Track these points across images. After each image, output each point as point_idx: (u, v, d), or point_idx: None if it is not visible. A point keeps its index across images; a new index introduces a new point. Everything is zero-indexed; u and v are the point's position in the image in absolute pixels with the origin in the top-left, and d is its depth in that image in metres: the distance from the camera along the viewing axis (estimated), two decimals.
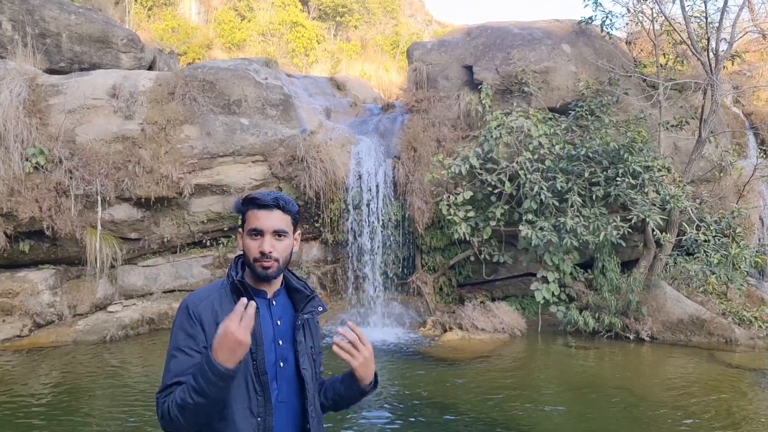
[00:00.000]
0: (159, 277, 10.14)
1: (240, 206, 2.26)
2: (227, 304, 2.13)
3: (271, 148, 10.19)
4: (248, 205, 2.22)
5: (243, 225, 2.24)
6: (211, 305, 2.14)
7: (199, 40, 19.52)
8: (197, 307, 2.12)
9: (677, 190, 9.41)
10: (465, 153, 10.05)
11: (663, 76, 10.88)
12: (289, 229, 2.23)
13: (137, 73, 10.50)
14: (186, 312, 2.13)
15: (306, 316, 2.30)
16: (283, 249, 2.21)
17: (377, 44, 22.58)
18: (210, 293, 2.20)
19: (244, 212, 2.23)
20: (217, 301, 2.15)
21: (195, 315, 2.11)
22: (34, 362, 8.02)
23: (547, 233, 9.34)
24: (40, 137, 9.13)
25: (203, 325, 2.10)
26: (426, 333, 9.84)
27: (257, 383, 2.11)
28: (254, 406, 2.10)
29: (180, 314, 2.15)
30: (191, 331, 2.09)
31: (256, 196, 2.21)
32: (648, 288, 9.96)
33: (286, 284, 2.34)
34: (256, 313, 2.11)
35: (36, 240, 9.20)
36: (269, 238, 2.17)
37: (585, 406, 6.82)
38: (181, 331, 2.11)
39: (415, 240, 10.90)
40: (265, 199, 2.20)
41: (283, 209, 2.22)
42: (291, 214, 2.25)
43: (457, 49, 12.00)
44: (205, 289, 2.23)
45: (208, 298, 2.17)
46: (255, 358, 2.12)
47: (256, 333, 2.12)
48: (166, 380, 2.06)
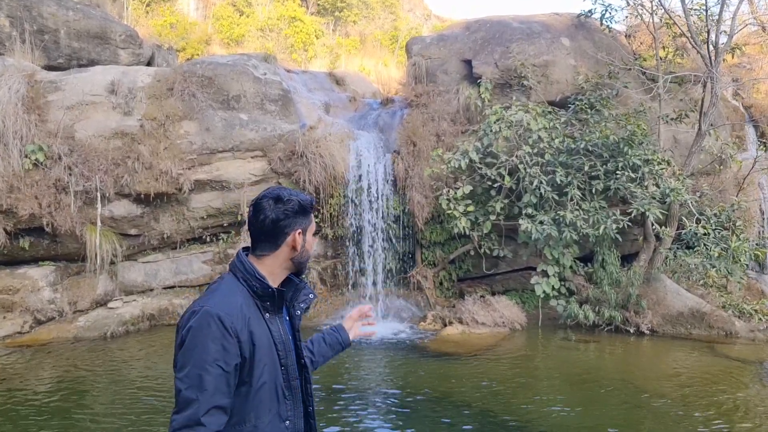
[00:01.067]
0: (159, 273, 10.13)
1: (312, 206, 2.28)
2: (252, 308, 2.10)
3: (270, 143, 10.18)
4: (313, 207, 2.29)
5: (306, 224, 2.24)
6: (241, 314, 2.05)
7: (198, 36, 19.46)
8: (231, 319, 2.01)
9: (677, 184, 9.40)
10: (464, 147, 10.04)
11: (663, 69, 10.86)
12: None
13: (136, 69, 10.48)
14: (220, 325, 1.99)
15: (303, 305, 2.32)
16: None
17: (376, 39, 22.52)
18: (235, 300, 2.09)
19: (308, 215, 2.26)
20: (245, 307, 2.08)
21: (230, 329, 2.00)
22: (35, 359, 8.03)
23: (547, 227, 9.33)
24: (39, 134, 9.11)
25: (239, 337, 2.01)
26: (426, 327, 9.85)
27: (286, 389, 2.14)
28: (283, 411, 2.12)
29: (211, 326, 1.99)
30: (227, 346, 1.98)
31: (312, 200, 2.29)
32: (648, 281, 9.97)
33: None
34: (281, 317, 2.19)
35: (36, 237, 9.20)
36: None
37: (586, 399, 6.83)
38: (215, 344, 1.97)
39: (415, 234, 10.90)
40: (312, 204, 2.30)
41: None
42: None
43: (456, 44, 11.97)
44: (227, 296, 2.10)
45: (236, 306, 2.06)
46: (284, 365, 2.14)
47: (284, 340, 2.15)
48: (200, 400, 1.92)
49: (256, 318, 2.10)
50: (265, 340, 2.10)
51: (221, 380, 1.95)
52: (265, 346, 2.09)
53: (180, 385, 1.95)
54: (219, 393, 1.95)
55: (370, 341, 9.15)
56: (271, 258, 2.19)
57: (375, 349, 8.82)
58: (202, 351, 1.96)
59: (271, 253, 2.18)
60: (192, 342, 1.98)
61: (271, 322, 2.14)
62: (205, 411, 1.91)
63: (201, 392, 1.92)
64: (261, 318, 2.12)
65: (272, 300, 2.14)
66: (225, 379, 1.96)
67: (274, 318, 2.16)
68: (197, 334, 1.98)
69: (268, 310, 2.15)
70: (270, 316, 2.15)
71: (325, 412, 6.13)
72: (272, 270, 2.20)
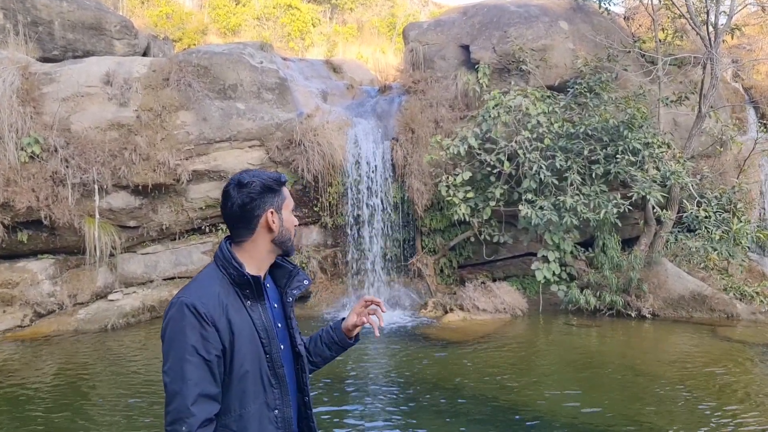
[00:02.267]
0: (159, 264, 10.10)
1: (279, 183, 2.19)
2: (232, 298, 2.04)
3: (267, 132, 10.11)
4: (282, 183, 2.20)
5: (279, 202, 2.17)
6: (218, 302, 2.00)
7: (194, 26, 19.34)
8: (207, 308, 1.96)
9: (677, 166, 9.35)
10: (463, 133, 9.98)
11: (662, 52, 10.76)
12: None
13: (131, 59, 10.40)
14: (196, 314, 1.94)
15: (295, 291, 2.26)
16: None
17: (373, 26, 22.37)
18: (212, 289, 2.03)
19: (279, 191, 2.19)
20: (223, 295, 2.02)
21: (208, 317, 1.94)
22: (36, 352, 8.03)
23: (547, 212, 9.29)
24: (34, 126, 9.06)
25: (217, 326, 1.96)
26: (427, 314, 9.84)
27: (273, 377, 2.07)
28: (271, 400, 2.06)
29: (187, 316, 1.94)
30: (206, 334, 1.93)
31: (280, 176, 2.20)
32: (649, 265, 9.93)
33: None
34: (263, 304, 2.11)
35: (34, 230, 9.16)
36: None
37: (588, 384, 6.82)
38: (194, 334, 1.93)
39: (415, 222, 10.86)
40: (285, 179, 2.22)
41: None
42: None
43: (454, 29, 11.86)
44: (204, 285, 2.06)
45: (213, 294, 2.01)
46: (269, 352, 2.07)
47: (267, 327, 2.08)
48: (185, 391, 1.88)
49: (236, 306, 2.04)
50: (247, 328, 2.04)
51: (203, 368, 1.91)
52: (247, 335, 2.03)
53: (165, 379, 1.92)
54: (204, 381, 1.91)
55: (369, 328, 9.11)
56: (250, 243, 2.15)
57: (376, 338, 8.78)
58: (181, 341, 1.92)
59: (248, 238, 2.15)
60: (171, 334, 1.95)
61: (253, 310, 2.08)
62: (193, 401, 1.88)
63: (184, 383, 1.88)
64: (242, 306, 2.06)
65: (250, 287, 2.08)
66: (208, 367, 1.92)
67: (256, 305, 2.09)
68: (174, 326, 1.95)
69: (249, 298, 2.09)
70: (251, 304, 2.08)
71: (327, 401, 6.13)
72: (254, 255, 2.15)
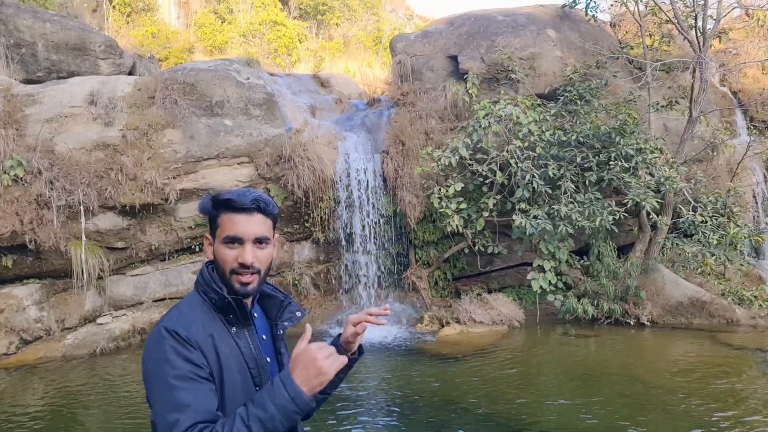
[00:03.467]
0: (148, 285, 9.90)
1: (210, 208, 1.91)
2: (216, 323, 1.84)
3: (256, 148, 9.98)
4: (222, 207, 1.89)
5: (214, 230, 1.90)
6: (203, 328, 1.80)
7: (180, 45, 19.26)
8: (189, 332, 1.76)
9: (671, 172, 9.28)
10: (454, 144, 9.88)
11: (650, 57, 10.75)
12: (270, 234, 1.93)
13: (116, 78, 10.26)
14: (177, 338, 1.74)
15: (285, 323, 2.02)
16: (266, 259, 1.91)
17: (359, 41, 22.39)
18: (193, 314, 1.83)
19: (216, 216, 1.90)
20: (207, 322, 1.83)
21: (190, 341, 1.75)
22: (23, 380, 7.80)
23: (542, 221, 9.18)
24: (17, 148, 8.88)
25: (203, 350, 1.76)
26: (424, 329, 9.68)
27: None
28: None
29: (168, 340, 1.74)
30: (191, 357, 1.73)
31: (232, 198, 1.87)
32: (645, 272, 9.84)
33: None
34: (250, 329, 1.90)
35: (19, 254, 8.95)
36: (250, 247, 1.85)
37: (588, 394, 6.68)
38: (178, 358, 1.72)
39: (408, 235, 10.73)
40: (243, 202, 1.86)
41: (264, 212, 1.90)
42: (273, 218, 1.95)
43: (441, 39, 11.81)
44: (184, 311, 1.85)
45: (195, 320, 1.81)
46: (258, 384, 1.86)
47: (255, 354, 1.87)
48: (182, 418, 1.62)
49: (222, 334, 1.84)
50: (234, 357, 1.83)
51: (199, 391, 1.68)
52: (235, 365, 1.82)
53: (155, 418, 1.68)
54: (203, 406, 1.66)
55: (367, 346, 8.97)
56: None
57: (373, 353, 8.64)
58: (166, 369, 1.70)
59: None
60: (153, 365, 1.74)
61: (239, 337, 1.87)
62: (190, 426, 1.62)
63: (181, 411, 1.63)
64: (227, 333, 1.85)
65: (233, 311, 1.87)
66: (203, 389, 1.69)
67: (242, 332, 1.89)
68: (156, 356, 1.74)
69: (234, 324, 1.88)
70: (237, 330, 1.88)
71: (324, 419, 5.95)
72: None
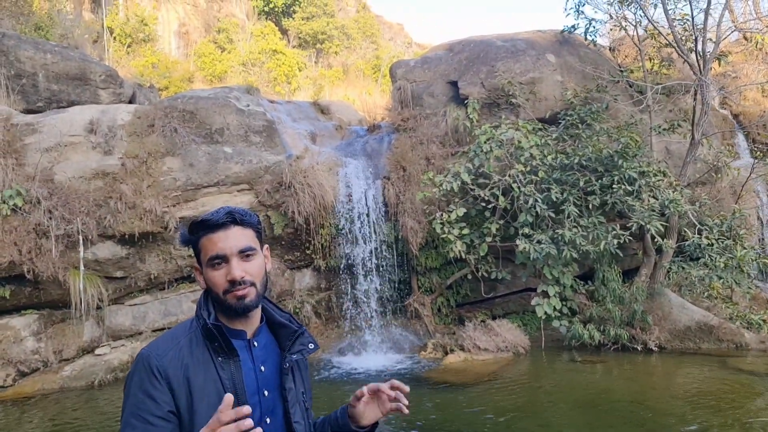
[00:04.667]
0: (148, 315, 9.75)
1: (187, 236, 1.87)
2: (200, 353, 1.77)
3: (256, 175, 9.92)
4: (198, 231, 1.84)
5: (199, 257, 1.85)
6: (179, 357, 1.75)
7: (180, 74, 19.37)
8: (162, 361, 1.72)
9: (675, 194, 9.20)
10: (456, 169, 9.81)
11: (650, 80, 10.75)
12: (255, 244, 1.85)
13: (115, 107, 10.25)
14: (147, 368, 1.72)
15: (294, 356, 1.91)
16: (257, 270, 1.83)
17: (359, 69, 22.54)
18: (176, 341, 1.79)
19: (195, 242, 1.85)
20: (186, 350, 1.77)
21: (160, 372, 1.71)
22: (20, 413, 7.62)
23: (546, 246, 9.07)
24: (16, 178, 8.82)
25: (171, 383, 1.71)
26: (427, 356, 9.51)
27: None
28: None
29: (139, 371, 1.73)
30: (153, 392, 1.69)
31: (206, 218, 1.83)
32: (652, 296, 9.70)
33: (268, 319, 1.95)
34: (236, 361, 1.78)
35: (17, 284, 8.83)
36: (236, 262, 1.79)
37: (597, 424, 6.50)
38: (140, 392, 1.70)
39: (410, 261, 10.61)
40: (216, 218, 1.82)
41: (242, 223, 1.84)
42: (253, 227, 1.87)
43: (441, 65, 11.85)
44: (169, 337, 1.82)
45: (175, 347, 1.77)
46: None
47: (237, 388, 1.76)
48: None
49: (203, 363, 1.76)
50: (212, 388, 1.74)
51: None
52: (211, 397, 1.72)
53: None
54: None
55: (369, 374, 8.80)
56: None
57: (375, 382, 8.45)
58: (130, 403, 1.71)
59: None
60: (125, 394, 1.73)
61: (223, 368, 1.77)
62: None
63: None
64: (211, 362, 1.77)
65: (217, 339, 1.77)
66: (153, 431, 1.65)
67: (228, 362, 1.79)
68: (129, 384, 1.74)
69: (219, 353, 1.78)
70: (222, 360, 1.78)
71: None
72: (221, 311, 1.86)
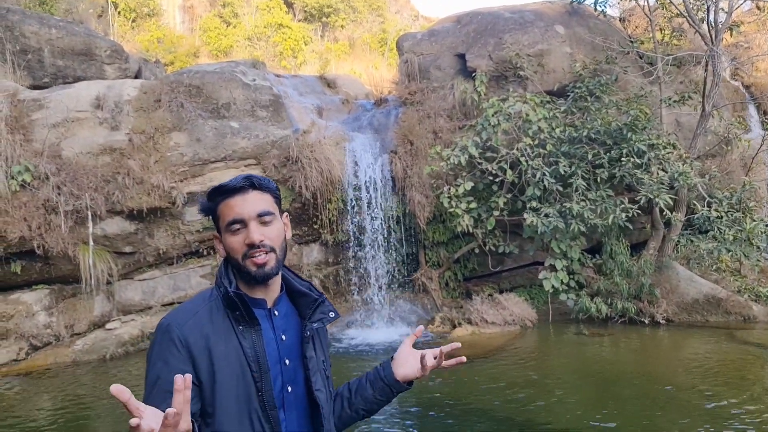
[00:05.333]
0: (157, 290, 9.84)
1: (207, 203, 1.84)
2: (220, 322, 1.75)
3: (263, 150, 9.90)
4: (216, 197, 1.82)
5: (218, 225, 1.83)
6: (199, 326, 1.73)
7: (186, 49, 19.25)
8: (182, 330, 1.70)
9: (685, 167, 9.12)
10: (463, 143, 9.76)
11: (661, 52, 10.60)
12: (274, 209, 1.82)
13: (121, 82, 10.21)
14: (168, 338, 1.70)
15: (315, 324, 1.89)
16: (276, 234, 1.80)
17: (365, 43, 22.32)
18: (196, 309, 1.78)
19: (214, 209, 1.83)
20: (207, 319, 1.75)
21: (181, 341, 1.69)
22: (33, 386, 7.75)
23: (553, 219, 9.05)
24: (24, 154, 8.83)
25: (192, 352, 1.69)
26: (435, 330, 9.57)
27: (264, 420, 1.73)
28: None
29: (160, 341, 1.71)
30: (174, 362, 1.67)
31: (222, 184, 1.81)
32: (660, 270, 9.69)
33: (288, 287, 1.93)
34: (257, 330, 1.76)
35: (28, 260, 8.90)
36: (255, 225, 1.76)
37: (605, 395, 6.54)
38: (160, 361, 1.69)
39: (417, 235, 10.62)
40: (234, 183, 1.79)
41: (260, 187, 1.81)
42: (271, 192, 1.84)
43: (448, 38, 11.71)
44: (189, 305, 1.80)
45: (195, 315, 1.75)
46: (260, 389, 1.74)
47: (260, 357, 1.75)
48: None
49: (224, 331, 1.74)
50: (234, 358, 1.73)
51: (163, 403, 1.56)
52: (233, 366, 1.72)
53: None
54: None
55: (378, 348, 8.87)
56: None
57: (384, 356, 8.53)
58: (151, 373, 1.69)
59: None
60: (148, 357, 1.73)
61: (244, 336, 1.75)
62: None
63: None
64: (232, 331, 1.75)
65: (238, 308, 1.75)
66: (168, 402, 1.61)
67: (249, 331, 1.76)
68: (150, 354, 1.72)
69: (240, 321, 1.76)
70: (243, 329, 1.76)
71: None
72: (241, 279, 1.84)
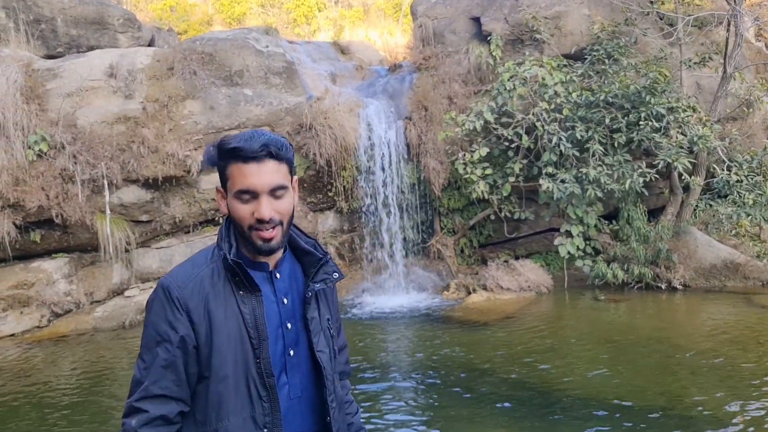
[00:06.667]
0: (174, 258, 9.91)
1: (216, 159, 1.74)
2: (221, 285, 1.71)
3: (277, 117, 9.87)
4: (229, 158, 1.69)
5: (224, 182, 1.74)
6: (199, 288, 1.68)
7: (199, 17, 19.18)
8: (182, 292, 1.66)
9: (705, 130, 8.95)
10: (478, 108, 9.65)
11: (682, 12, 10.33)
12: (287, 180, 1.72)
13: (134, 50, 10.18)
14: (168, 298, 1.66)
15: (317, 285, 1.83)
16: (286, 207, 1.72)
17: (379, 9, 22.01)
18: (196, 270, 1.72)
19: (223, 166, 1.72)
20: (208, 281, 1.70)
21: (180, 302, 1.65)
22: (56, 351, 7.92)
23: (570, 185, 8.96)
24: (40, 123, 8.87)
25: (190, 314, 1.65)
26: (450, 296, 9.59)
27: (261, 387, 1.70)
28: (259, 416, 1.70)
29: (158, 300, 1.68)
30: (172, 322, 1.65)
31: (239, 146, 1.66)
32: (677, 235, 9.59)
33: (292, 245, 1.85)
34: (258, 297, 1.73)
35: (47, 229, 9.01)
36: (267, 200, 1.67)
37: (621, 360, 6.53)
38: (159, 320, 1.66)
39: (433, 202, 10.58)
40: (252, 149, 1.65)
41: (277, 157, 1.69)
42: (288, 161, 1.74)
43: (463, 1, 11.49)
44: (189, 266, 1.75)
45: (196, 277, 1.70)
46: (258, 356, 1.70)
47: (259, 324, 1.70)
48: (145, 384, 1.64)
49: (224, 296, 1.70)
50: (233, 323, 1.69)
51: (165, 362, 1.64)
52: (232, 331, 1.68)
53: (135, 368, 1.70)
54: (164, 379, 1.64)
55: (394, 314, 8.93)
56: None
57: (399, 321, 8.59)
58: (149, 329, 1.68)
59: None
60: (145, 320, 1.72)
61: (244, 302, 1.71)
62: (146, 396, 1.64)
63: (147, 375, 1.65)
64: (232, 295, 1.71)
65: (237, 273, 1.70)
66: (170, 362, 1.64)
67: (250, 297, 1.72)
68: (148, 312, 1.71)
69: (240, 287, 1.71)
70: (244, 294, 1.71)
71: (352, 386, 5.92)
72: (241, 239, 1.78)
